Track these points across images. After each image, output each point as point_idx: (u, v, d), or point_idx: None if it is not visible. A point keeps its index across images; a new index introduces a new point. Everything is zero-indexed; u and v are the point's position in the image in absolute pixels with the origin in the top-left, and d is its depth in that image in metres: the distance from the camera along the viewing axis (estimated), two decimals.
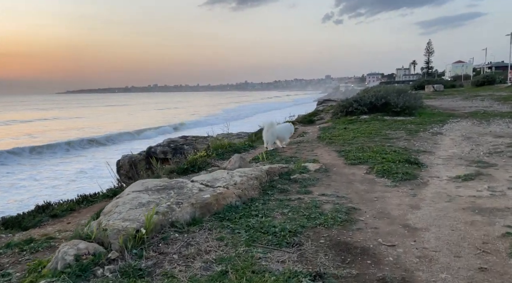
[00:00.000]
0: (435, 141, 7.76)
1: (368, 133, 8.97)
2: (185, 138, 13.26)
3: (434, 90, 33.05)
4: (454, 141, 7.63)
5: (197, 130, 29.14)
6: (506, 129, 8.86)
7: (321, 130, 10.67)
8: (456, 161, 5.89)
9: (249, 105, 79.03)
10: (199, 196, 3.53)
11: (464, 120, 11.00)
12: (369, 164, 5.76)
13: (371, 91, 13.71)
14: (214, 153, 7.60)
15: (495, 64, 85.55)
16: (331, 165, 5.95)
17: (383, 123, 10.69)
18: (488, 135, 8.13)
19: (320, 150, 7.33)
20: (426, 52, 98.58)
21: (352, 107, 12.81)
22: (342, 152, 6.81)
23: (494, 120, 10.60)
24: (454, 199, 4.08)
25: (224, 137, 15.58)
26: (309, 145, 8.01)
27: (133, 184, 3.82)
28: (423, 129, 9.31)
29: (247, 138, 11.94)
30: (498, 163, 5.62)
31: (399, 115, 12.04)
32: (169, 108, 77.89)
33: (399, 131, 9.21)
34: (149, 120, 47.81)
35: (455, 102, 18.92)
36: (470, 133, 8.61)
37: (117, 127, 39.42)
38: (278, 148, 8.13)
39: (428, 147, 7.08)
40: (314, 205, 3.90)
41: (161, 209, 3.13)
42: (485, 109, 13.80)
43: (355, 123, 11.28)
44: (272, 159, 6.77)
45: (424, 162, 5.93)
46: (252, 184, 4.18)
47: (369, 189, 4.61)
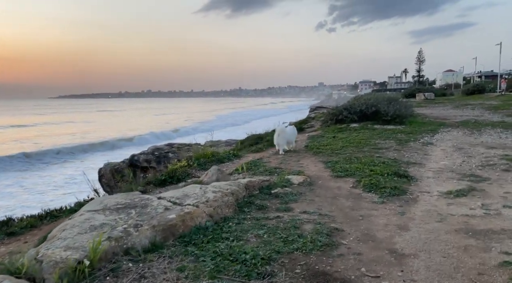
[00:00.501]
0: (425, 151, 7.47)
1: (357, 143, 8.66)
2: (170, 145, 12.84)
3: (425, 98, 33.11)
4: (445, 152, 7.35)
5: (192, 136, 28.65)
6: (498, 140, 8.62)
7: (310, 138, 10.35)
8: (447, 174, 5.58)
9: (245, 112, 78.41)
10: (163, 217, 3.14)
11: (455, 129, 10.77)
12: (356, 176, 5.44)
13: (361, 99, 13.46)
14: (195, 163, 7.22)
15: (484, 73, 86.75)
16: (317, 177, 5.60)
17: (373, 132, 10.41)
18: (480, 146, 7.88)
19: (307, 161, 6.99)
20: (417, 60, 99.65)
21: (342, 115, 12.53)
22: (329, 163, 6.48)
23: (485, 129, 10.39)
24: (446, 219, 3.76)
25: (213, 144, 15.20)
26: (295, 155, 7.67)
27: (91, 202, 3.42)
28: (414, 138, 9.04)
29: (234, 146, 11.57)
30: (492, 177, 5.33)
31: (389, 124, 11.79)
32: (164, 114, 77.17)
33: (389, 140, 8.92)
34: (144, 125, 47.21)
35: (446, 110, 18.80)
36: (462, 143, 8.35)
37: (111, 133, 38.79)
38: (263, 158, 7.79)
39: (418, 159, 6.78)
40: (294, 225, 3.54)
41: (114, 234, 2.74)
42: (476, 118, 13.63)
43: (344, 132, 10.99)
44: (256, 170, 6.41)
45: (414, 175, 5.61)
46: (227, 201, 3.81)
47: (355, 205, 4.26)
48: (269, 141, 10.37)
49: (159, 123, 50.86)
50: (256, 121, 49.03)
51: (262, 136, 10.81)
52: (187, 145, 14.12)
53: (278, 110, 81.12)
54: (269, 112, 73.03)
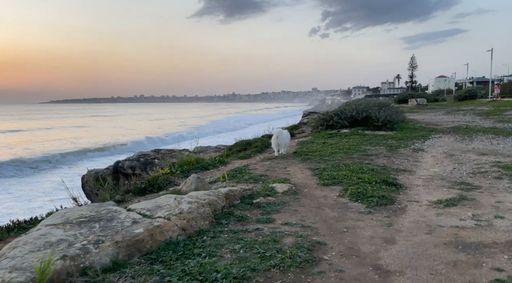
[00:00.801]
0: (416, 158, 7.31)
1: (346, 149, 8.49)
2: (157, 151, 12.55)
3: (418, 104, 33.23)
4: (436, 159, 7.19)
5: (186, 142, 28.33)
6: (489, 146, 8.50)
7: (300, 144, 10.16)
8: (437, 182, 5.40)
9: (239, 117, 77.41)
10: (129, 231, 2.89)
11: (447, 135, 10.65)
12: (344, 185, 5.23)
13: (352, 104, 13.33)
14: (178, 171, 6.96)
15: (476, 79, 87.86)
16: (303, 185, 5.39)
17: (363, 138, 10.25)
18: (471, 152, 7.74)
19: (294, 168, 6.77)
20: (410, 66, 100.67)
21: (332, 121, 12.38)
22: (317, 170, 6.27)
23: (477, 136, 10.28)
24: (435, 231, 3.55)
25: (202, 150, 14.92)
26: (283, 162, 7.45)
27: (52, 215, 3.16)
28: (404, 145, 8.89)
29: (223, 152, 11.32)
30: (483, 185, 5.15)
31: (380, 130, 11.65)
32: (157, 119, 76.40)
33: (379, 147, 8.76)
34: (138, 130, 46.72)
35: (437, 116, 18.77)
36: (453, 150, 8.21)
37: (104, 138, 38.26)
38: (250, 164, 7.57)
39: (408, 165, 6.61)
40: (273, 238, 3.31)
41: (71, 251, 2.49)
42: (467, 124, 13.57)
43: (335, 137, 10.82)
44: (240, 177, 6.18)
45: (403, 182, 5.42)
46: (203, 212, 3.56)
47: (340, 216, 4.04)
48: (257, 147, 10.16)
49: (152, 128, 50.36)
50: (253, 126, 48.36)
51: (250, 142, 10.59)
52: (175, 151, 13.86)
53: (273, 115, 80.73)
54: (264, 117, 72.23)
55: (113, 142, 35.08)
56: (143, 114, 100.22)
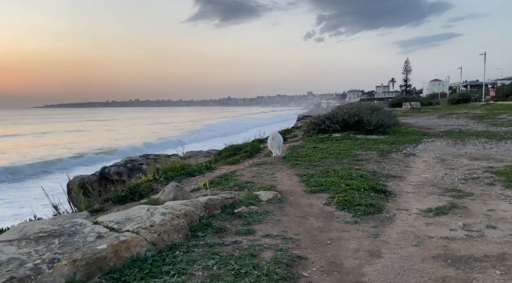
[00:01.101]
0: (407, 163, 7.13)
1: (337, 154, 8.30)
2: (146, 157, 12.29)
3: (412, 107, 33.23)
4: (427, 164, 7.02)
5: (179, 147, 27.89)
6: (482, 151, 8.35)
7: (290, 149, 9.96)
8: (428, 189, 5.21)
9: (236, 121, 76.01)
10: (91, 247, 2.65)
11: (439, 139, 10.51)
12: (331, 192, 5.03)
13: (344, 108, 13.18)
14: (162, 177, 6.72)
15: (470, 82, 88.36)
16: (289, 193, 5.18)
17: (355, 142, 10.07)
18: (463, 157, 7.58)
19: (282, 174, 6.57)
20: (404, 70, 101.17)
21: (324, 125, 12.21)
22: (304, 177, 6.06)
23: (469, 140, 10.15)
24: (423, 242, 3.35)
25: (192, 155, 14.68)
26: (271, 167, 7.24)
27: (9, 229, 2.92)
28: (396, 149, 8.72)
29: (212, 157, 11.08)
30: (475, 192, 4.97)
31: (372, 134, 11.49)
32: (152, 123, 75.81)
33: (370, 151, 8.58)
34: (134, 135, 46.21)
35: (431, 120, 18.69)
36: (445, 154, 8.05)
37: (98, 143, 37.77)
38: (237, 170, 7.36)
39: (398, 171, 6.42)
40: (251, 253, 3.09)
41: (20, 273, 2.25)
42: (460, 128, 13.46)
43: (326, 142, 10.64)
44: (225, 185, 5.96)
45: (392, 189, 5.23)
46: (177, 224, 3.34)
47: (325, 226, 3.83)
48: (247, 152, 9.96)
49: (146, 133, 49.81)
50: (252, 130, 47.09)
51: (240, 146, 10.38)
52: (165, 156, 13.59)
53: (269, 119, 79.52)
54: (261, 121, 70.19)
55: (107, 147, 34.66)
56: (139, 119, 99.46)
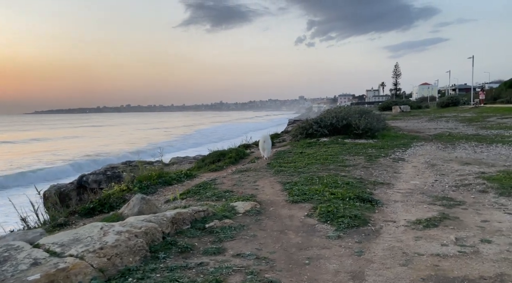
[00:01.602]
0: (395, 169, 6.81)
1: (324, 159, 7.96)
2: (127, 164, 11.81)
3: (401, 111, 33.23)
4: (417, 170, 6.70)
5: (169, 154, 27.25)
6: (472, 155, 8.08)
7: (276, 154, 9.60)
8: (417, 197, 4.88)
9: (229, 126, 72.60)
10: (20, 279, 2.23)
11: (429, 143, 10.25)
12: (314, 201, 4.66)
13: (332, 112, 12.89)
14: (136, 187, 6.29)
15: (458, 86, 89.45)
16: (269, 203, 4.80)
17: (343, 147, 9.75)
18: (453, 162, 7.29)
19: (264, 181, 6.19)
20: (394, 74, 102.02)
21: (312, 129, 11.88)
22: (288, 185, 5.70)
23: (459, 143, 9.90)
24: (412, 261, 2.99)
25: (178, 161, 14.23)
26: (254, 174, 6.86)
27: None
28: (384, 154, 8.41)
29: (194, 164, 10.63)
30: (467, 200, 4.65)
31: (361, 138, 11.20)
32: (143, 129, 74.40)
33: (358, 156, 8.26)
34: (125, 141, 45.22)
35: (420, 123, 18.53)
36: (435, 159, 7.76)
37: (89, 150, 36.81)
38: (218, 178, 6.96)
39: (387, 178, 6.09)
40: (216, 278, 2.69)
41: None
42: (450, 131, 13.25)
43: (313, 147, 10.30)
44: (203, 194, 5.56)
45: (380, 198, 4.89)
46: (134, 245, 2.93)
47: (304, 242, 3.46)
48: (231, 159, 9.56)
49: (137, 139, 48.65)
50: (251, 134, 44.97)
51: (224, 152, 9.97)
52: (145, 163, 13.11)
53: (263, 123, 75.65)
54: (255, 125, 66.65)
55: (96, 153, 33.79)
56: (131, 124, 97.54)
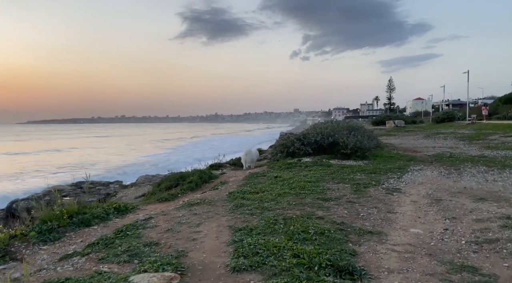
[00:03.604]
0: (389, 206, 5.19)
1: (300, 188, 6.35)
2: (77, 185, 10.10)
3: (395, 126, 31.94)
4: (417, 207, 5.09)
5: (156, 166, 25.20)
6: (485, 184, 6.50)
7: (247, 178, 7.97)
8: (422, 264, 3.24)
9: (231, 138, 61.87)
10: None
11: (429, 167, 8.67)
12: (266, 271, 3.03)
13: (317, 127, 11.32)
14: (34, 231, 4.59)
15: (452, 101, 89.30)
16: (198, 272, 3.15)
17: (327, 170, 8.15)
18: (463, 195, 5.69)
19: (211, 225, 4.54)
20: (388, 88, 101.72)
21: (293, 147, 10.29)
22: (240, 233, 4.06)
23: (465, 167, 8.33)
24: None
25: (142, 182, 12.47)
26: (205, 211, 5.21)
27: None
28: (376, 181, 6.81)
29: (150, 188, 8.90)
30: (499, 272, 3.02)
31: (349, 159, 9.61)
32: (132, 142, 71.35)
33: (344, 184, 6.65)
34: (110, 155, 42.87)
35: (416, 140, 17.04)
36: (438, 190, 6.17)
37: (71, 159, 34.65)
38: (159, 214, 5.30)
39: (377, 221, 4.46)
40: None
41: None
42: (451, 151, 11.72)
43: (293, 169, 8.69)
44: (113, 249, 3.87)
45: (366, 262, 3.25)
46: None
47: None
48: (191, 183, 7.90)
49: (124, 150, 46.00)
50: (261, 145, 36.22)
51: (185, 175, 8.30)
52: (104, 184, 11.37)
53: (267, 135, 65.76)
54: (260, 138, 57.09)
55: (78, 165, 31.57)
56: (125, 136, 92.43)
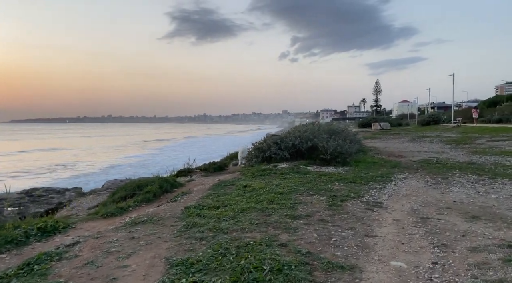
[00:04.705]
0: (368, 226, 4.37)
1: (269, 201, 5.51)
2: (28, 194, 9.08)
3: (381, 128, 31.51)
4: (400, 229, 4.29)
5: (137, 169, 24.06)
6: (476, 198, 5.75)
7: (213, 188, 7.08)
8: None
9: (229, 138, 59.56)
10: None
11: (414, 175, 7.93)
12: None
13: (296, 130, 10.50)
14: None
15: (437, 104, 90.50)
16: None
17: (303, 178, 7.33)
18: (453, 212, 4.93)
19: (146, 256, 3.64)
20: (375, 91, 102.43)
21: (270, 151, 9.44)
22: (174, 270, 3.18)
23: (453, 176, 7.61)
24: None
25: (106, 188, 11.44)
26: (146, 235, 4.30)
27: None
28: (355, 193, 6.00)
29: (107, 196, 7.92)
30: None
31: (329, 165, 8.82)
32: (116, 143, 69.54)
33: (319, 196, 5.83)
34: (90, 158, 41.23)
35: (401, 144, 16.42)
36: (425, 204, 5.40)
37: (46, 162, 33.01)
38: (89, 238, 4.37)
39: (351, 250, 3.63)
40: None
41: None
42: (437, 157, 11.05)
43: (266, 176, 7.85)
44: None
45: None
46: None
47: None
48: (149, 193, 6.95)
49: (110, 152, 44.10)
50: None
51: (143, 184, 7.33)
52: (59, 191, 10.31)
53: (260, 136, 61.63)
54: (253, 138, 50.81)
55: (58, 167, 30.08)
56: (111, 136, 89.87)
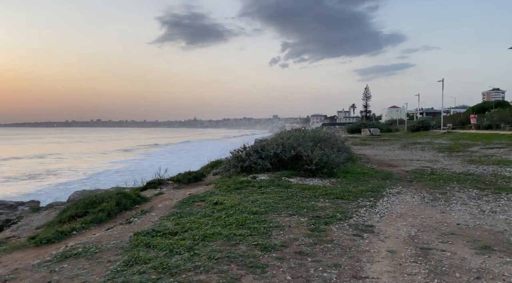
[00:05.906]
0: (356, 261, 3.47)
1: (240, 224, 4.60)
2: None
3: (371, 134, 30.93)
4: (396, 265, 3.40)
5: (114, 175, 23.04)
6: (482, 218, 4.92)
7: (178, 205, 6.12)
8: None
9: (224, 143, 57.90)
10: None
11: (408, 189, 7.09)
12: None
13: (279, 138, 9.62)
14: None
15: (426, 110, 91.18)
16: None
17: (284, 193, 6.43)
18: (460, 241, 4.07)
19: None
20: (364, 96, 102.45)
21: (249, 161, 8.53)
22: None
23: (452, 190, 6.80)
24: None
25: (69, 201, 10.38)
26: (70, 277, 3.33)
27: None
28: (342, 213, 5.11)
29: None
30: None
31: (314, 176, 7.94)
32: (107, 150, 68.00)
33: (300, 217, 4.93)
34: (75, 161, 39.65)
35: (392, 151, 15.67)
36: (424, 228, 4.53)
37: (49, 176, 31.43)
38: None
39: None
40: None
41: None
42: (431, 166, 10.27)
43: (243, 190, 6.92)
44: None
45: None
46: None
47: None
48: (103, 212, 5.96)
49: (98, 158, 42.53)
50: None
51: (97, 199, 6.32)
52: (13, 205, 9.25)
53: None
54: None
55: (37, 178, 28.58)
56: (96, 141, 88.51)
